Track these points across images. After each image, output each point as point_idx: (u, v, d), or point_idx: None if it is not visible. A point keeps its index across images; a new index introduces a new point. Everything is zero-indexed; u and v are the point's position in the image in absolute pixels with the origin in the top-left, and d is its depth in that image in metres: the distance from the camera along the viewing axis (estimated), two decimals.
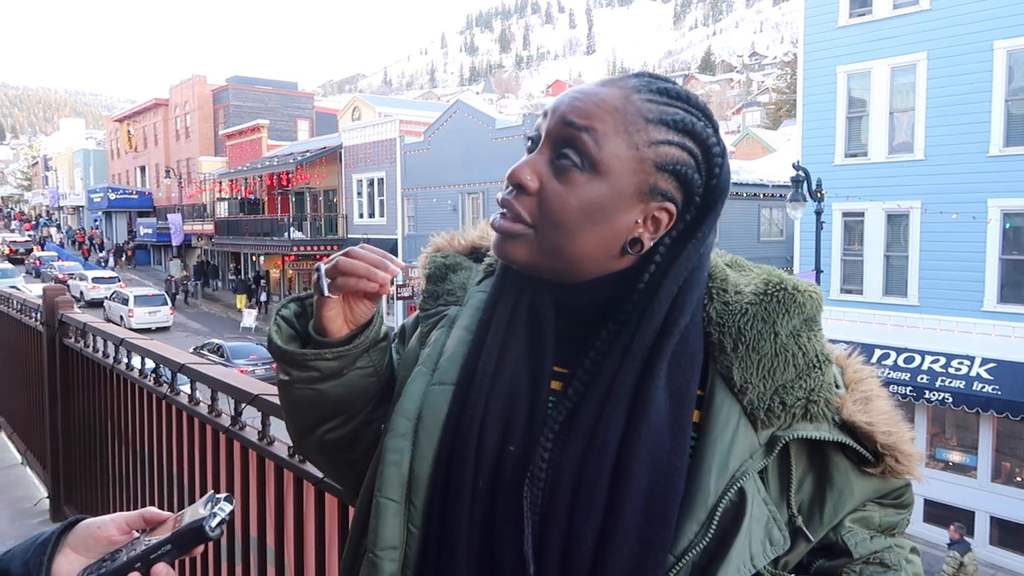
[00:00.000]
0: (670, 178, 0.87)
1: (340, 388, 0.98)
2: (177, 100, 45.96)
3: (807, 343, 0.88)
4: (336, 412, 1.01)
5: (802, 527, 0.88)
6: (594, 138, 0.85)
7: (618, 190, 0.86)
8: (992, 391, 12.86)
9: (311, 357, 0.95)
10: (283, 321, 1.00)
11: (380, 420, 1.04)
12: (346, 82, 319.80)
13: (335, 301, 0.94)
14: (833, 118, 15.59)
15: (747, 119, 72.51)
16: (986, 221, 13.41)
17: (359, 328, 0.97)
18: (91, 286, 34.07)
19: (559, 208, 0.86)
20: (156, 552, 0.82)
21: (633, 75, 0.92)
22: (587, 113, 0.86)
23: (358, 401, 1.00)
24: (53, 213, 70.05)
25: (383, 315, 1.02)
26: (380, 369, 1.01)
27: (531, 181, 0.88)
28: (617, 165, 0.86)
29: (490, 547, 0.86)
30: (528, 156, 0.90)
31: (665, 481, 0.82)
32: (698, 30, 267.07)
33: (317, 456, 1.09)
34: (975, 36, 13.46)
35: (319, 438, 1.04)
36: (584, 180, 0.86)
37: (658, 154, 0.86)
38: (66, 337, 3.82)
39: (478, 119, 23.58)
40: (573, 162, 0.86)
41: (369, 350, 0.98)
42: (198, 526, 0.81)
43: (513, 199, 0.89)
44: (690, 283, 0.88)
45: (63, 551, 0.85)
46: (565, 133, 0.87)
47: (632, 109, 0.87)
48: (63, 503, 4.01)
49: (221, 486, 2.17)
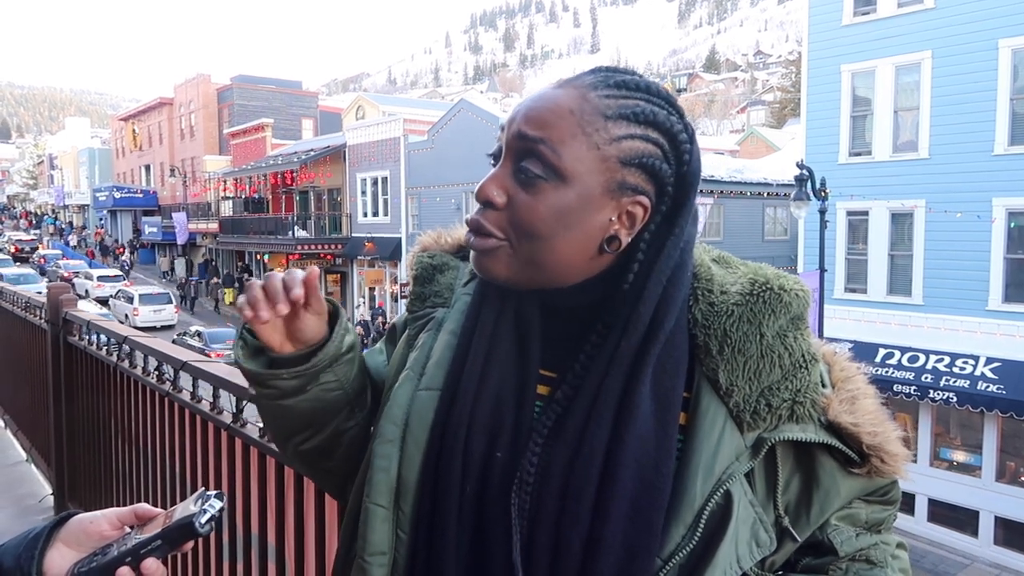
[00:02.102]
0: (637, 171, 0.86)
1: (306, 403, 0.98)
2: (182, 99, 46.01)
3: (793, 343, 0.87)
4: (305, 425, 1.01)
5: (789, 527, 0.88)
6: (551, 147, 0.84)
7: (586, 192, 0.85)
8: (997, 390, 12.83)
9: (269, 376, 0.96)
10: (250, 336, 0.99)
11: (353, 429, 1.04)
12: (350, 81, 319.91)
13: (267, 328, 0.94)
14: (837, 117, 15.55)
15: (751, 118, 72.33)
16: (991, 220, 13.37)
17: (316, 345, 0.96)
18: (96, 284, 34.18)
19: (529, 219, 0.86)
20: (146, 547, 0.83)
21: (589, 72, 0.91)
22: (541, 122, 0.85)
23: (326, 415, 1.01)
24: (58, 212, 70.23)
25: (347, 329, 1.00)
26: (346, 383, 1.00)
27: (498, 196, 0.87)
28: (580, 168, 0.84)
29: (479, 553, 0.86)
30: (492, 171, 0.90)
31: (651, 487, 0.82)
32: (702, 29, 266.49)
33: (296, 463, 1.11)
34: (980, 35, 13.41)
35: (295, 448, 1.05)
36: (550, 188, 0.85)
37: (621, 150, 0.85)
38: (70, 335, 3.84)
39: (482, 118, 23.57)
40: (536, 173, 0.85)
41: (332, 366, 0.97)
42: (188, 522, 0.83)
43: (482, 217, 0.89)
44: (674, 284, 0.87)
45: (55, 545, 0.86)
46: (522, 146, 0.86)
47: (589, 108, 0.85)
48: (67, 500, 4.03)
49: (223, 483, 2.19)
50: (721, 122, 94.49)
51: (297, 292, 0.90)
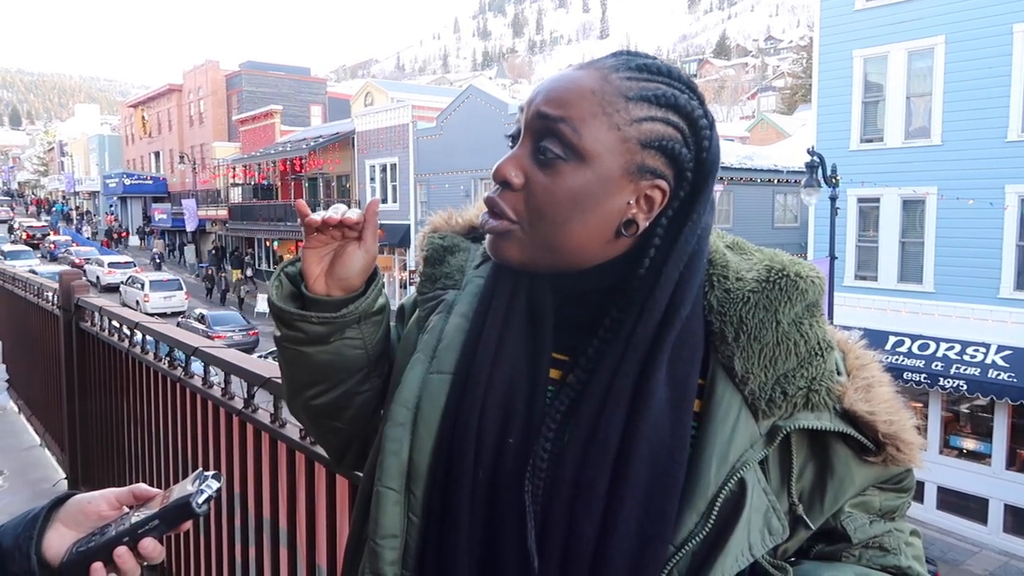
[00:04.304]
0: (657, 154, 0.85)
1: (326, 355, 0.99)
2: (191, 86, 46.05)
3: (809, 330, 0.87)
4: (321, 378, 1.02)
5: (802, 515, 0.88)
6: (572, 126, 0.83)
7: (605, 174, 0.84)
8: (1008, 378, 12.77)
9: (297, 318, 0.97)
10: (286, 278, 1.01)
11: (367, 393, 1.05)
12: (359, 67, 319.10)
13: (314, 253, 0.96)
14: (849, 103, 15.42)
15: (762, 104, 71.87)
16: (1003, 207, 13.26)
17: (349, 297, 0.98)
18: (107, 271, 34.38)
19: (546, 200, 0.85)
20: (144, 527, 0.84)
21: (611, 55, 0.90)
22: (562, 101, 0.85)
23: (342, 371, 1.01)
24: (69, 198, 70.54)
25: (382, 289, 1.01)
26: (370, 343, 1.01)
27: (516, 177, 0.87)
28: (600, 149, 0.83)
29: (491, 538, 0.86)
30: (511, 152, 0.89)
31: (665, 474, 0.82)
32: (713, 14, 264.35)
33: (303, 417, 1.11)
34: (994, 19, 13.25)
35: (305, 401, 1.06)
36: (569, 169, 0.84)
37: (641, 131, 0.84)
38: (82, 321, 3.86)
39: (491, 104, 23.50)
40: (556, 153, 0.84)
41: (360, 322, 0.99)
42: (185, 502, 0.84)
43: (498, 197, 0.88)
44: (690, 270, 0.86)
45: (54, 526, 0.87)
46: (542, 125, 0.85)
47: (610, 89, 0.84)
48: (80, 484, 4.07)
49: (234, 468, 2.20)
50: (731, 108, 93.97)
51: (352, 217, 0.95)
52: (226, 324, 23.37)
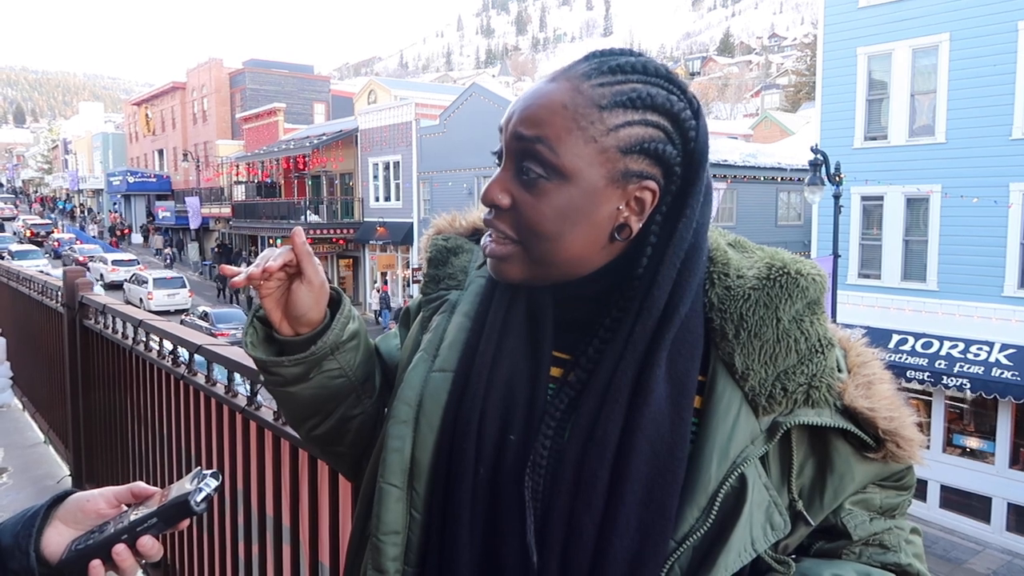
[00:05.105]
0: (640, 157, 0.85)
1: (310, 390, 1.01)
2: (194, 83, 46.08)
3: (809, 327, 0.87)
4: (312, 412, 1.04)
5: (803, 511, 0.88)
6: (548, 145, 0.84)
7: (589, 187, 0.84)
8: (1011, 377, 12.74)
9: (271, 364, 0.99)
10: (260, 323, 1.02)
11: (361, 416, 1.07)
12: (362, 65, 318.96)
13: (270, 300, 0.96)
14: (853, 100, 15.39)
15: (766, 102, 71.68)
16: (1007, 205, 13.22)
17: (315, 333, 0.98)
18: (111, 268, 34.45)
19: (536, 219, 0.86)
20: (142, 525, 0.85)
21: (583, 59, 0.89)
22: (536, 120, 0.85)
23: (330, 401, 1.03)
24: (73, 196, 70.67)
25: (350, 316, 1.01)
26: (350, 370, 1.02)
27: (503, 199, 0.88)
28: (580, 164, 0.84)
29: (492, 535, 0.87)
30: (496, 174, 0.90)
31: (665, 471, 0.82)
32: (717, 11, 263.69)
33: (309, 446, 1.14)
34: (999, 17, 13.21)
35: (306, 433, 1.09)
36: (552, 187, 0.85)
37: (619, 139, 0.84)
38: (86, 318, 3.87)
39: (494, 102, 23.47)
40: (537, 173, 0.85)
41: (334, 353, 0.99)
42: (183, 501, 0.84)
43: (495, 219, 0.90)
44: (689, 267, 0.87)
45: (53, 523, 0.87)
46: (520, 147, 0.86)
47: (582, 101, 0.84)
48: (84, 481, 4.08)
49: (238, 465, 2.21)
50: (735, 106, 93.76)
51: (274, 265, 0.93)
52: (230, 321, 23.41)
